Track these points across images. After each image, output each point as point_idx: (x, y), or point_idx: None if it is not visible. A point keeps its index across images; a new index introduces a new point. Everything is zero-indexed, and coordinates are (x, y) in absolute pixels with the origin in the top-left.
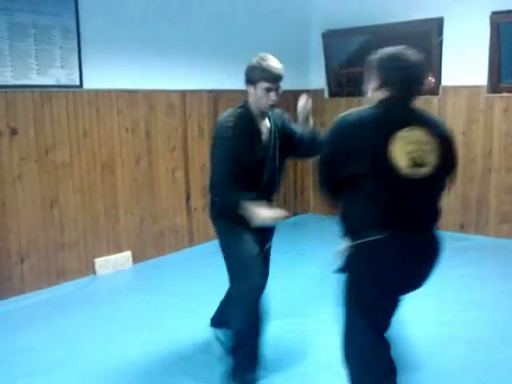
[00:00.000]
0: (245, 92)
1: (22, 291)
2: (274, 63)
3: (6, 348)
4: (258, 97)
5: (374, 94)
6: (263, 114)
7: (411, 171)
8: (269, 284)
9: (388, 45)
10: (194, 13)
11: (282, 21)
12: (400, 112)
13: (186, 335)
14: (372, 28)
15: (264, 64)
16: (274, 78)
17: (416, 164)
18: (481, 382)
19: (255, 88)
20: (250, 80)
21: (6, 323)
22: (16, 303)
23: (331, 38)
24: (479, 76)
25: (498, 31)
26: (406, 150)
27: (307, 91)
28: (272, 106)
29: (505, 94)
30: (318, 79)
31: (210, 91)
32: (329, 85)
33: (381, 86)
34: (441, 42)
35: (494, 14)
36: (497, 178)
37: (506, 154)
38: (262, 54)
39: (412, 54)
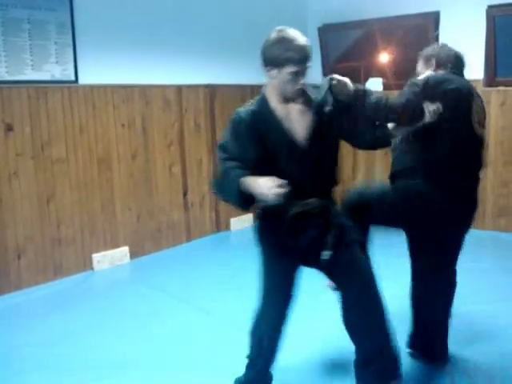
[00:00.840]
0: (242, 87)
1: (19, 287)
2: (300, 40)
3: (3, 344)
4: (283, 82)
5: None
6: (290, 99)
7: (480, 131)
8: None
9: (384, 39)
10: (189, 7)
11: (278, 15)
12: (465, 81)
13: (184, 330)
14: (368, 22)
15: (288, 43)
16: (303, 59)
17: (480, 124)
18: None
19: (279, 72)
20: (272, 62)
21: (3, 319)
22: (13, 299)
23: (327, 33)
24: (475, 70)
25: (494, 25)
26: (476, 111)
27: None
28: (301, 91)
29: (501, 88)
30: (314, 73)
31: (207, 86)
32: None
33: (439, 66)
34: (437, 36)
35: (490, 7)
36: (493, 172)
37: (503, 147)
38: (282, 28)
39: None
